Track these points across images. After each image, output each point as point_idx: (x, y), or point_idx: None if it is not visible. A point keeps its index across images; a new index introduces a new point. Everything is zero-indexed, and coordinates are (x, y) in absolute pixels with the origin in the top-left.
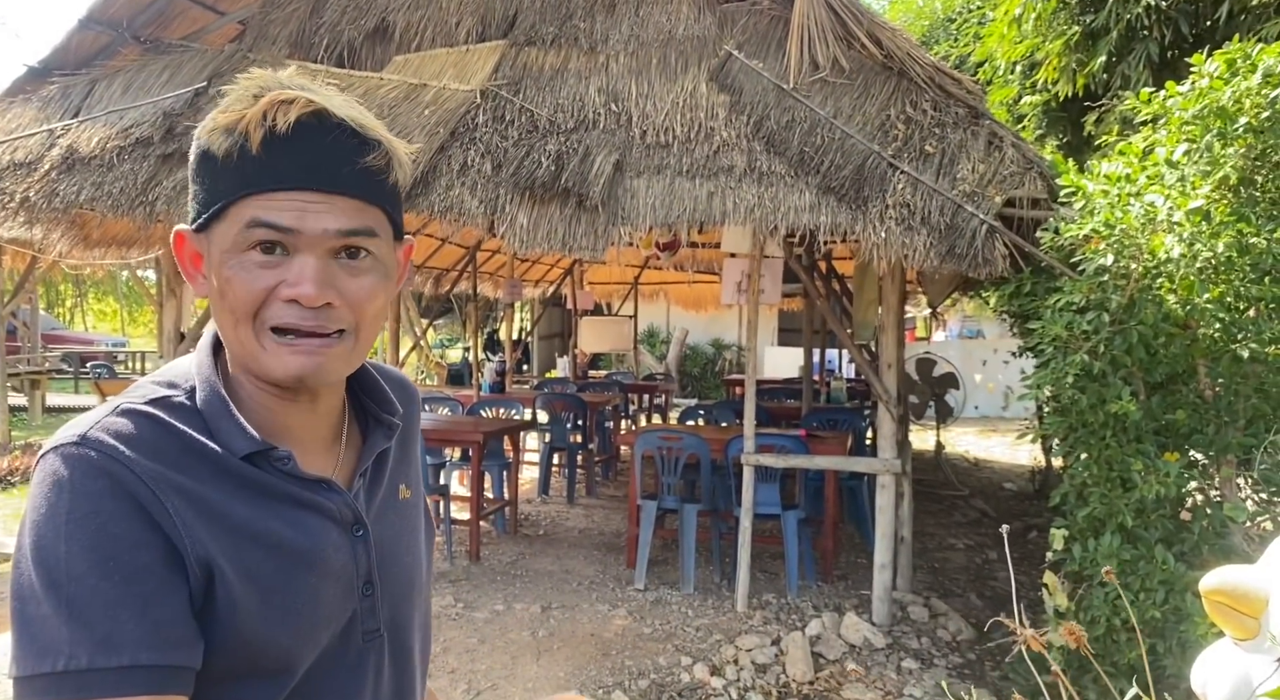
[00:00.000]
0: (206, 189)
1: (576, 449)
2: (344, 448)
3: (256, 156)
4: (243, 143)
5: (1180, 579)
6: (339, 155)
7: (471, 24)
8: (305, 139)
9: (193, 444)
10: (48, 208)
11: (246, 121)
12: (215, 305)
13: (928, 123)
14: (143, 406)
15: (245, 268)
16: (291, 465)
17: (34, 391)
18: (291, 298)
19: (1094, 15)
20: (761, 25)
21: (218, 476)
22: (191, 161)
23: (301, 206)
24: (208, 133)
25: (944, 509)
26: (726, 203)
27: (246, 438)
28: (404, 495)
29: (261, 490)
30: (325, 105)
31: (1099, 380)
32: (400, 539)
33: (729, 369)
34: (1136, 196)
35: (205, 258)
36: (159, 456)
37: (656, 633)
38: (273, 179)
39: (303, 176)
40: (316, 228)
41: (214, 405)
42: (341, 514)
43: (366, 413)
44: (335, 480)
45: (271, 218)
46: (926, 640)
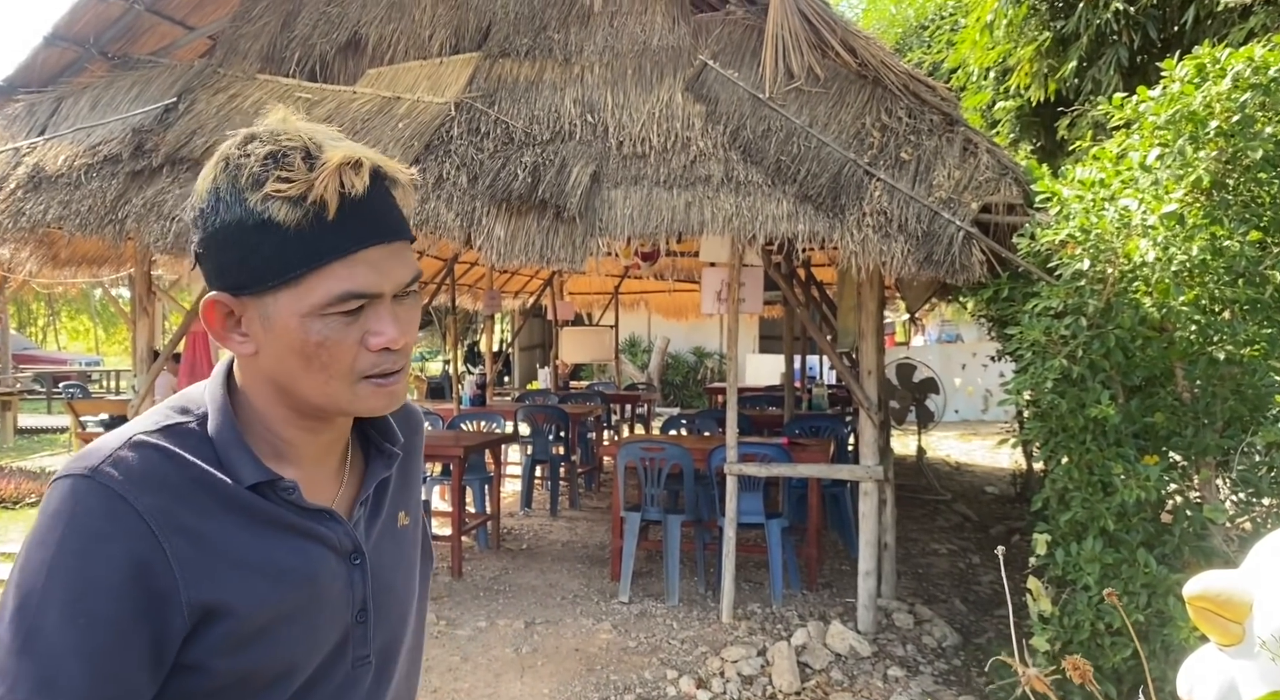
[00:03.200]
0: (266, 257)
1: (559, 461)
2: (348, 474)
3: (333, 222)
4: (317, 212)
5: (1163, 582)
6: (388, 204)
7: (445, 36)
8: (369, 199)
9: (201, 476)
10: (14, 227)
11: (322, 192)
12: (293, 364)
13: (903, 130)
14: (155, 438)
15: (334, 329)
16: (296, 495)
17: (4, 413)
18: (384, 346)
19: (1064, 21)
20: (736, 35)
21: (224, 507)
22: (225, 227)
23: (378, 267)
24: (261, 201)
25: (927, 514)
26: (704, 212)
27: (254, 468)
28: (403, 523)
29: (266, 520)
30: (371, 157)
31: (1078, 384)
32: (397, 567)
33: (711, 377)
34: (1111, 201)
35: (250, 318)
36: (166, 491)
37: (642, 646)
38: (352, 243)
39: (372, 234)
40: (394, 282)
41: (225, 434)
42: (341, 543)
43: (370, 440)
44: (336, 510)
45: (362, 287)
46: (912, 647)
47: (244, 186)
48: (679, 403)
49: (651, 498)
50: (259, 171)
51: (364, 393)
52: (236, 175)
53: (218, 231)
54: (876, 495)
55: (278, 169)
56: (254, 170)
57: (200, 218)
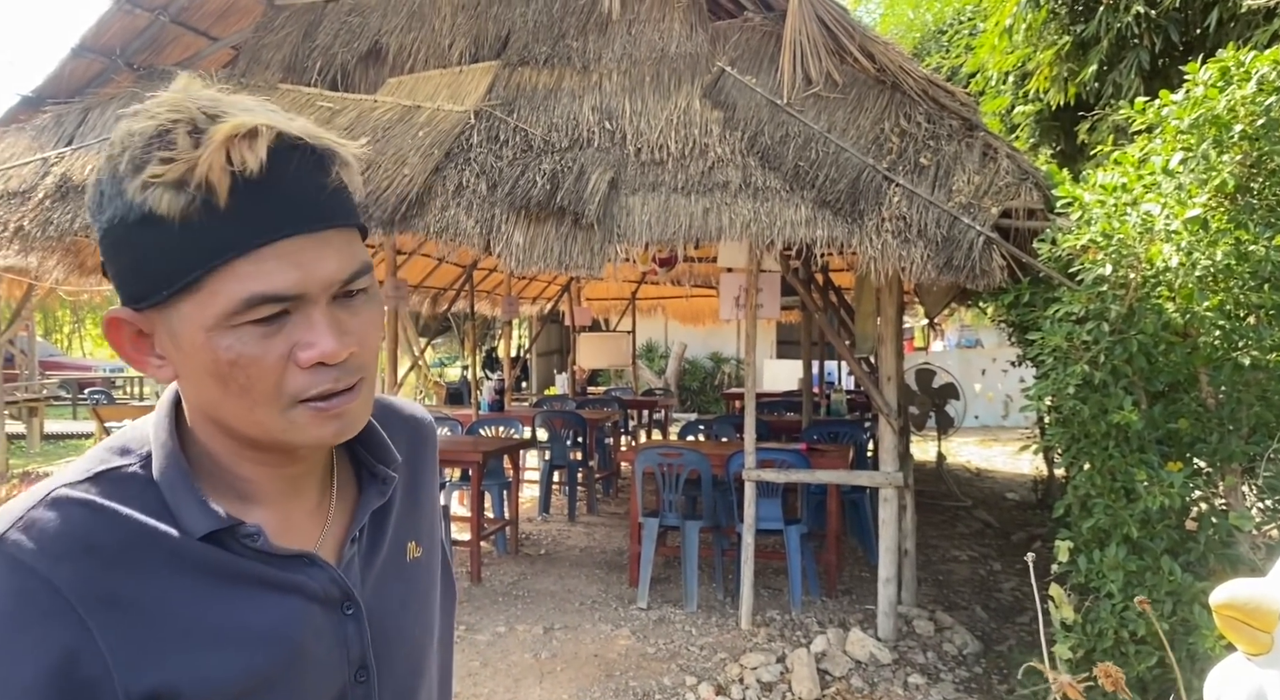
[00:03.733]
0: (155, 260)
1: (577, 466)
2: (334, 504)
3: (226, 210)
4: (204, 198)
5: (1188, 590)
6: (310, 182)
7: (464, 45)
8: (276, 175)
9: (139, 531)
10: (42, 236)
11: (206, 171)
12: (211, 389)
13: (922, 135)
14: (80, 491)
15: (248, 343)
16: (262, 541)
17: (32, 419)
18: (316, 361)
19: (1084, 25)
20: (754, 41)
21: (172, 566)
22: (114, 228)
23: (296, 261)
24: (140, 190)
25: (946, 520)
26: (722, 218)
27: (207, 514)
28: (413, 555)
29: (225, 575)
30: (283, 127)
31: (1100, 390)
32: (406, 609)
33: (728, 383)
34: (1133, 206)
35: (162, 335)
36: (92, 556)
37: (660, 652)
38: (255, 234)
39: (288, 222)
40: (319, 282)
41: (170, 475)
42: (326, 592)
43: (360, 461)
44: (318, 553)
45: (274, 288)
46: (933, 654)
47: (122, 174)
48: (696, 408)
49: (669, 503)
50: (139, 154)
51: (301, 420)
52: (117, 161)
53: (106, 233)
54: (897, 501)
55: (159, 149)
56: (135, 153)
57: (93, 213)
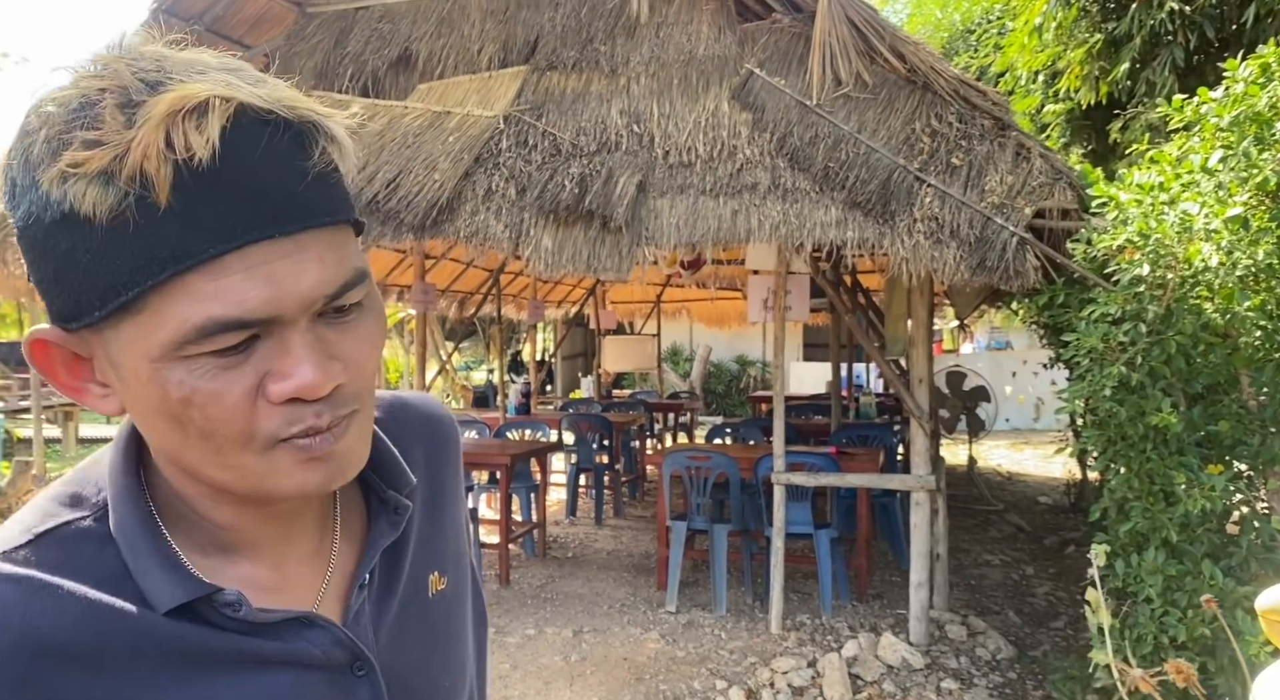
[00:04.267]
0: (83, 272)
1: (603, 469)
2: (339, 540)
3: (169, 210)
4: (138, 194)
5: (1230, 595)
6: (284, 169)
7: (493, 50)
8: (236, 160)
9: (91, 613)
10: None
11: (140, 160)
12: (166, 432)
13: (953, 135)
14: (17, 563)
15: (202, 378)
16: (246, 611)
17: (67, 423)
18: (290, 396)
19: (1116, 22)
20: (783, 43)
21: (133, 655)
22: (30, 228)
23: (266, 273)
24: (58, 182)
25: (978, 524)
26: (751, 220)
27: (175, 580)
28: (436, 588)
29: (200, 657)
30: (244, 97)
31: (1137, 392)
32: (431, 656)
33: (754, 386)
34: (1171, 205)
35: (99, 362)
36: (33, 647)
37: (690, 656)
38: (209, 240)
39: (254, 223)
40: (297, 300)
41: (130, 529)
42: (330, 657)
43: (368, 486)
44: (318, 609)
45: (237, 312)
46: (965, 660)
47: (36, 161)
48: (722, 411)
49: (697, 507)
50: (57, 134)
51: (283, 464)
52: (31, 141)
53: (22, 233)
54: (928, 505)
55: (81, 128)
56: (51, 132)
57: (8, 210)
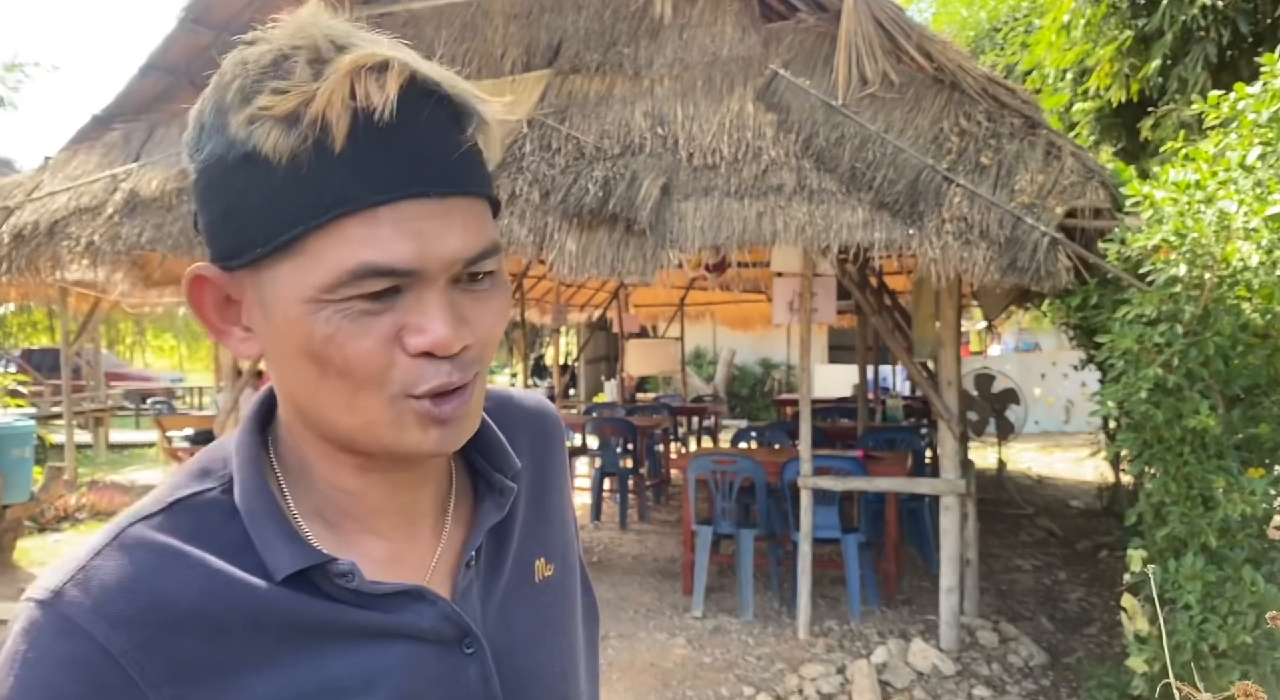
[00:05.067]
0: (254, 210)
1: (627, 474)
2: (450, 522)
3: (341, 156)
4: (317, 138)
5: (1272, 601)
6: (441, 138)
7: (517, 54)
8: (404, 122)
9: (218, 580)
10: (111, 251)
11: (323, 106)
12: (306, 373)
13: (982, 134)
14: (153, 529)
15: (351, 319)
16: (358, 581)
17: (98, 429)
18: (424, 350)
19: (1146, 19)
20: (808, 43)
21: (254, 622)
22: (210, 168)
23: (415, 229)
24: (246, 124)
25: (1008, 529)
26: (776, 222)
27: (295, 549)
28: (543, 574)
29: (315, 627)
30: (417, 67)
31: (1174, 394)
32: (539, 642)
33: (778, 388)
34: (1208, 203)
35: (251, 304)
36: (161, 613)
37: (717, 662)
38: (372, 189)
39: (412, 180)
40: (440, 259)
41: (253, 501)
42: (440, 631)
43: (476, 471)
44: (429, 583)
45: (387, 260)
46: (997, 666)
47: (228, 105)
48: (746, 415)
49: (723, 511)
50: (250, 84)
51: (407, 419)
52: (225, 91)
53: (200, 174)
54: (958, 510)
55: (273, 78)
56: (245, 82)
57: (188, 156)
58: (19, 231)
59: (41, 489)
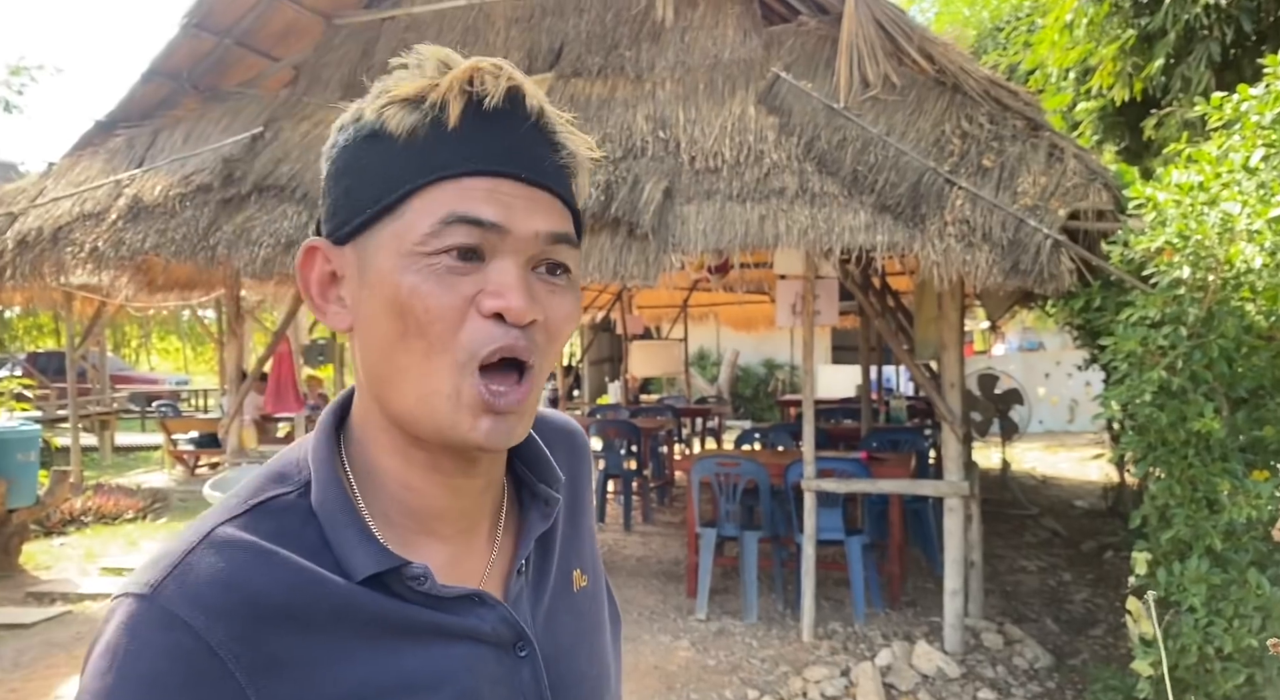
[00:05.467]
0: (371, 180)
1: (631, 475)
2: (500, 534)
3: (452, 133)
4: (435, 116)
5: (1277, 605)
6: (535, 142)
7: (519, 58)
8: (506, 120)
9: (303, 578)
10: (115, 256)
11: (444, 89)
12: (387, 331)
13: (984, 136)
14: (241, 529)
15: (436, 275)
16: (429, 584)
17: (103, 432)
18: (496, 311)
19: (1149, 17)
20: (809, 45)
21: (335, 619)
22: (342, 150)
23: (507, 199)
24: (378, 109)
25: (1013, 529)
26: (779, 225)
27: (371, 552)
28: (579, 584)
29: (390, 625)
30: (523, 82)
31: (1178, 396)
32: (580, 645)
33: (782, 389)
34: (1211, 205)
35: (351, 278)
36: (254, 608)
37: (721, 665)
38: (470, 160)
39: (506, 160)
40: (526, 228)
41: (330, 504)
42: (498, 634)
43: (521, 482)
44: (486, 588)
45: (476, 211)
46: (1002, 668)
47: (368, 102)
48: (750, 415)
49: (727, 513)
50: (389, 84)
51: (466, 398)
52: (368, 97)
53: (332, 163)
54: (962, 511)
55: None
56: (385, 85)
57: (324, 161)
58: (23, 237)
59: (47, 493)
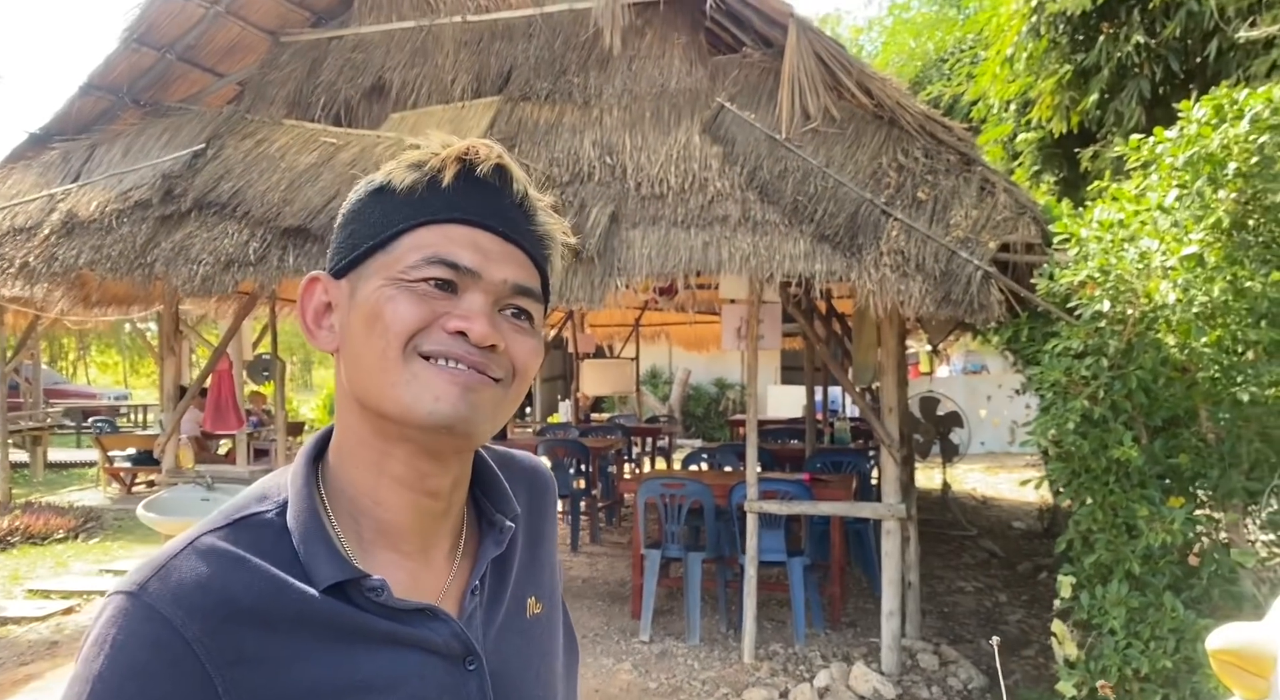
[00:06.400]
0: (371, 223)
1: (580, 495)
2: (460, 557)
3: (445, 189)
4: (432, 176)
5: (1191, 627)
6: (515, 208)
7: (467, 81)
8: (493, 189)
9: (273, 585)
10: (47, 272)
11: (444, 156)
12: (359, 339)
13: (920, 170)
14: (222, 539)
15: (412, 293)
16: (386, 596)
17: (35, 448)
18: (459, 330)
19: (1085, 54)
20: (753, 77)
21: (295, 622)
22: (352, 205)
23: (481, 247)
24: (387, 172)
25: (952, 550)
26: (722, 252)
27: (335, 564)
28: (533, 611)
29: (348, 631)
30: (511, 165)
31: (1100, 425)
32: (528, 667)
33: (732, 408)
34: (1130, 242)
35: (341, 305)
36: (226, 608)
37: (662, 687)
38: (456, 210)
39: (488, 216)
40: (496, 275)
41: (303, 522)
42: (448, 647)
43: (481, 512)
44: (441, 605)
45: (454, 255)
46: (937, 689)
47: (377, 174)
48: (701, 434)
49: (672, 535)
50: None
51: (421, 374)
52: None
53: (343, 220)
54: (899, 534)
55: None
56: (398, 160)
57: (338, 224)
58: None
59: None
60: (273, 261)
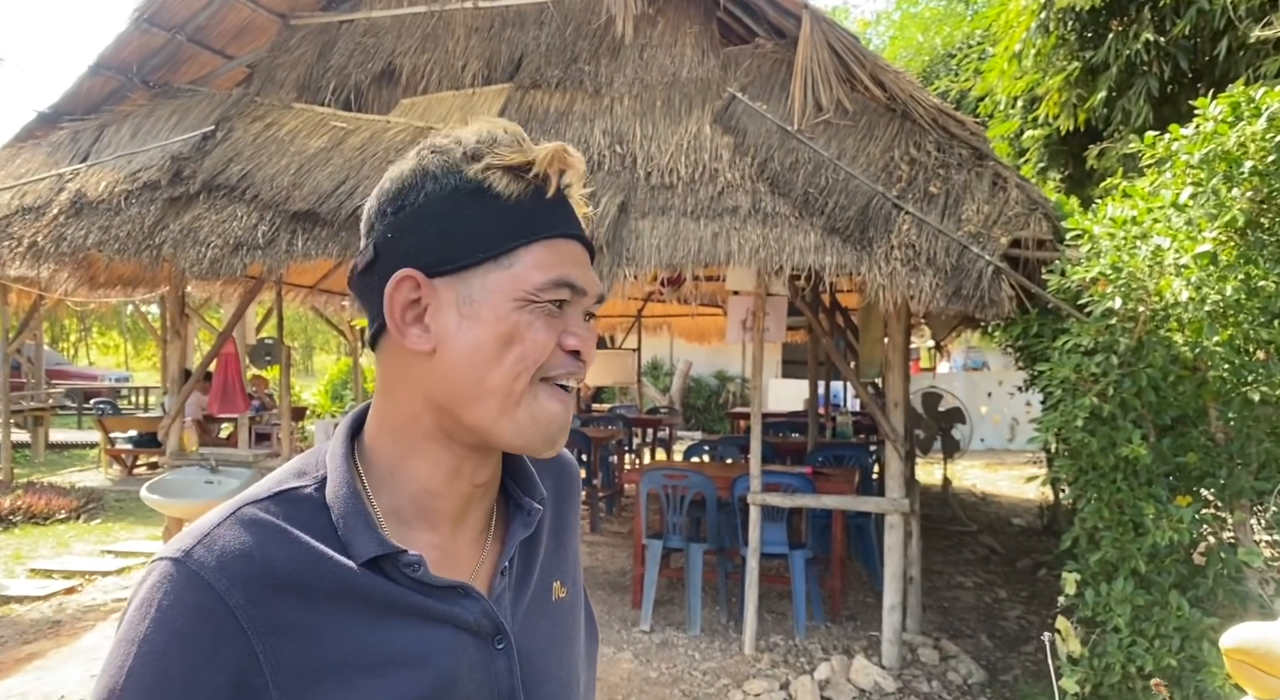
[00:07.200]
0: (475, 229)
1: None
2: (490, 539)
3: (547, 201)
4: (538, 186)
5: (1196, 626)
6: (583, 220)
7: (477, 68)
8: (572, 193)
9: (312, 556)
10: (55, 252)
11: (545, 165)
12: (490, 356)
13: (931, 164)
14: (263, 510)
15: (540, 318)
16: (422, 572)
17: (37, 428)
18: (575, 349)
19: (1093, 51)
20: (765, 68)
21: (333, 593)
22: (431, 199)
23: (580, 262)
24: (482, 171)
25: (952, 546)
26: (731, 243)
27: (372, 538)
28: (558, 595)
29: (384, 605)
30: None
31: (1108, 423)
32: (553, 648)
33: (733, 401)
34: (1143, 239)
35: (442, 308)
36: (267, 578)
37: (663, 677)
38: (563, 226)
39: (576, 226)
40: (594, 290)
41: (343, 498)
42: (479, 624)
43: (510, 497)
44: (473, 584)
45: (573, 277)
46: (937, 684)
47: (459, 160)
48: (701, 426)
49: (674, 525)
50: (475, 148)
51: (544, 395)
52: (449, 153)
53: (420, 208)
54: (902, 528)
55: (502, 146)
56: (470, 147)
57: (395, 201)
58: None
59: None
60: (281, 245)
